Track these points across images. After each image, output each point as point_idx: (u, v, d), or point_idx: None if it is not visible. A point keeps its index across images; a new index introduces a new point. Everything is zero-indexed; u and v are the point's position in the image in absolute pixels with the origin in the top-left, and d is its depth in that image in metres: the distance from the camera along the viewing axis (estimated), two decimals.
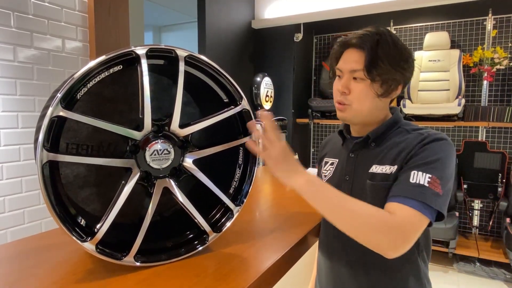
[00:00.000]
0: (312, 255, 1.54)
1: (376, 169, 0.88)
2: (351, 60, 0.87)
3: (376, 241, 0.74)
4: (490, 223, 3.36)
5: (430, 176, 0.78)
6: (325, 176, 1.04)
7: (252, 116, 0.98)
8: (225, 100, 0.97)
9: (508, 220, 3.04)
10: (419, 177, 0.78)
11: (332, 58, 0.94)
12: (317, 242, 1.13)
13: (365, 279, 0.92)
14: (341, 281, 0.97)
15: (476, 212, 3.46)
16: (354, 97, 0.87)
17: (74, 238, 0.76)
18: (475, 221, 3.47)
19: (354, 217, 0.75)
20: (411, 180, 0.78)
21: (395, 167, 0.84)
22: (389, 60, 0.83)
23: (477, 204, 3.45)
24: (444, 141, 0.83)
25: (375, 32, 0.86)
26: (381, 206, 0.80)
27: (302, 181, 0.79)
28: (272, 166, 0.81)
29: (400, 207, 0.76)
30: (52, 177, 0.75)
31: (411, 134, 0.88)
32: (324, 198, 0.78)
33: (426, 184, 0.77)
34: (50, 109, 0.71)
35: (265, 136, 0.81)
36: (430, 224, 0.78)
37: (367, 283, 0.92)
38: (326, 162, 1.06)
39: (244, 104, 0.96)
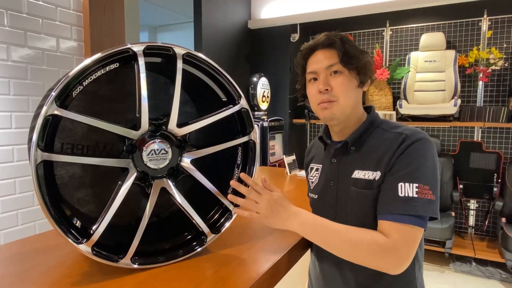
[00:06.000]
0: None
1: (358, 174, 0.89)
2: (324, 59, 0.89)
3: (377, 265, 0.79)
4: (486, 223, 3.37)
5: (417, 185, 0.79)
6: (312, 182, 1.05)
7: (251, 116, 0.97)
8: (223, 99, 0.95)
9: (503, 220, 3.05)
10: (407, 189, 0.79)
11: (298, 68, 0.97)
12: None
13: (352, 278, 0.92)
14: (330, 281, 0.98)
15: (472, 212, 3.47)
16: (338, 91, 0.88)
17: (69, 240, 0.74)
18: (471, 221, 3.48)
19: (351, 247, 0.80)
20: (399, 194, 0.79)
21: (378, 173, 0.85)
22: (356, 52, 0.89)
23: (472, 204, 3.47)
24: (422, 141, 0.83)
25: (334, 34, 0.91)
26: (365, 212, 0.85)
27: (295, 225, 0.86)
28: (263, 222, 0.87)
29: (394, 227, 0.78)
30: (47, 177, 0.73)
31: (389, 133, 0.88)
32: (320, 235, 0.84)
33: (416, 195, 0.78)
34: (45, 107, 0.69)
35: (250, 196, 0.88)
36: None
37: (358, 281, 0.91)
38: (312, 168, 1.06)
39: (243, 103, 0.95)
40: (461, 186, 3.33)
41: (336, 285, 0.96)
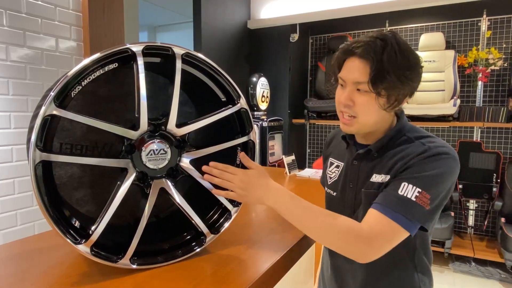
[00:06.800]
0: (311, 256, 1.53)
1: (375, 178, 0.87)
2: (355, 71, 0.80)
3: (345, 250, 0.78)
4: (485, 223, 3.37)
5: (420, 190, 0.76)
6: (331, 178, 1.03)
7: (250, 116, 0.97)
8: (222, 99, 0.95)
9: (503, 219, 3.05)
10: (407, 190, 0.77)
11: (334, 64, 0.89)
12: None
13: (363, 273, 0.92)
14: (341, 275, 0.98)
15: (471, 212, 3.47)
16: (359, 109, 0.83)
17: (68, 240, 0.74)
18: (470, 221, 3.49)
19: (325, 229, 0.79)
20: (399, 192, 0.78)
21: (388, 176, 0.84)
22: (395, 72, 0.77)
23: (472, 204, 3.47)
24: (447, 156, 0.79)
25: (380, 38, 0.79)
26: None
27: (270, 203, 0.83)
28: (239, 200, 0.87)
29: (378, 216, 0.77)
30: (45, 177, 0.73)
31: (413, 143, 0.84)
32: (294, 215, 0.82)
33: (413, 199, 0.76)
34: (43, 107, 0.69)
35: (223, 177, 0.86)
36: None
37: (365, 277, 0.92)
38: (332, 163, 1.04)
39: (242, 103, 0.95)
40: (460, 186, 3.33)
41: (344, 274, 0.96)
